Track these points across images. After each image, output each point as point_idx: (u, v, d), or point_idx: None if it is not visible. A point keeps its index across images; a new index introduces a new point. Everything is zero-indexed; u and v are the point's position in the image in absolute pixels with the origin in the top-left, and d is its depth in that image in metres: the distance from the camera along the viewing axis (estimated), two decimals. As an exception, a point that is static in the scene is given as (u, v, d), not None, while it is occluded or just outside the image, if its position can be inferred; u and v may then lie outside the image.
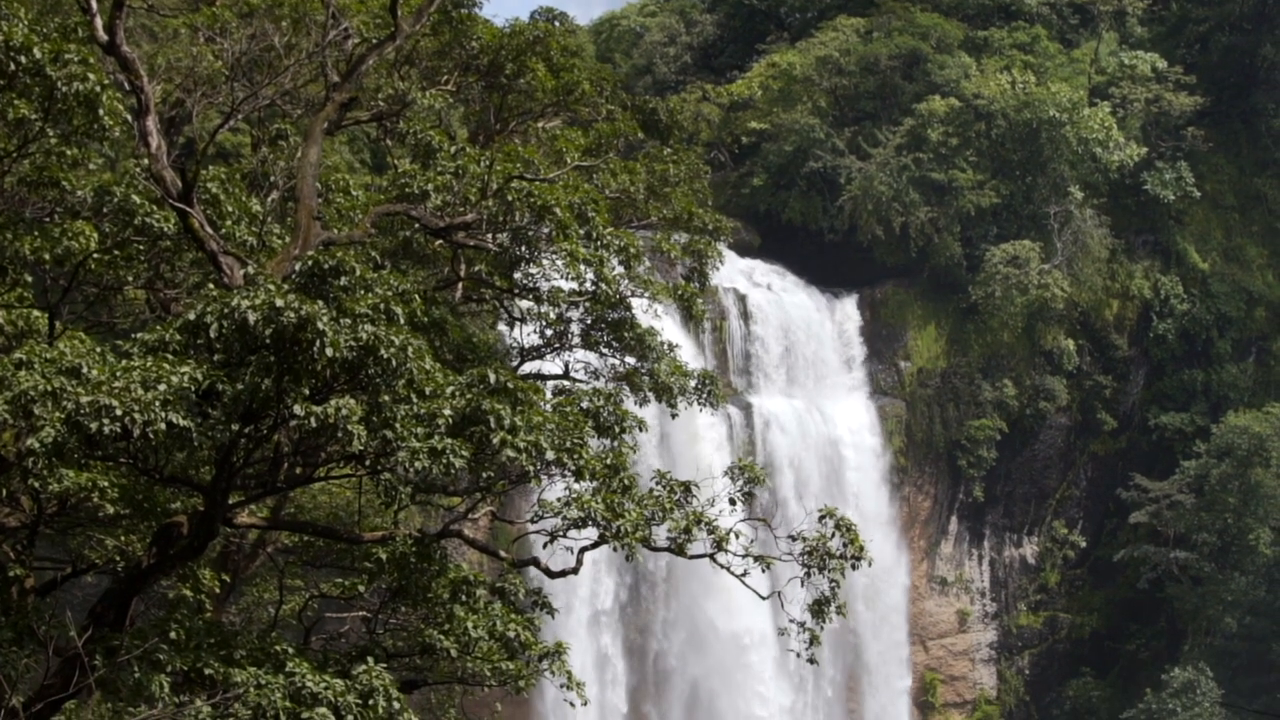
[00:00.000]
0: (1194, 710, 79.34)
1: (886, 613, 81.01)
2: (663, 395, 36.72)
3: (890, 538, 79.00)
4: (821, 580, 30.13)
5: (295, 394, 24.69)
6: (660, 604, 73.66)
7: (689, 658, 74.09)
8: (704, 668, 74.19)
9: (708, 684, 74.37)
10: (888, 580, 79.70)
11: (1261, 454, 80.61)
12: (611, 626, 72.04)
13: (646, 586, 73.48)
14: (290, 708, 26.97)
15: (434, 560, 30.65)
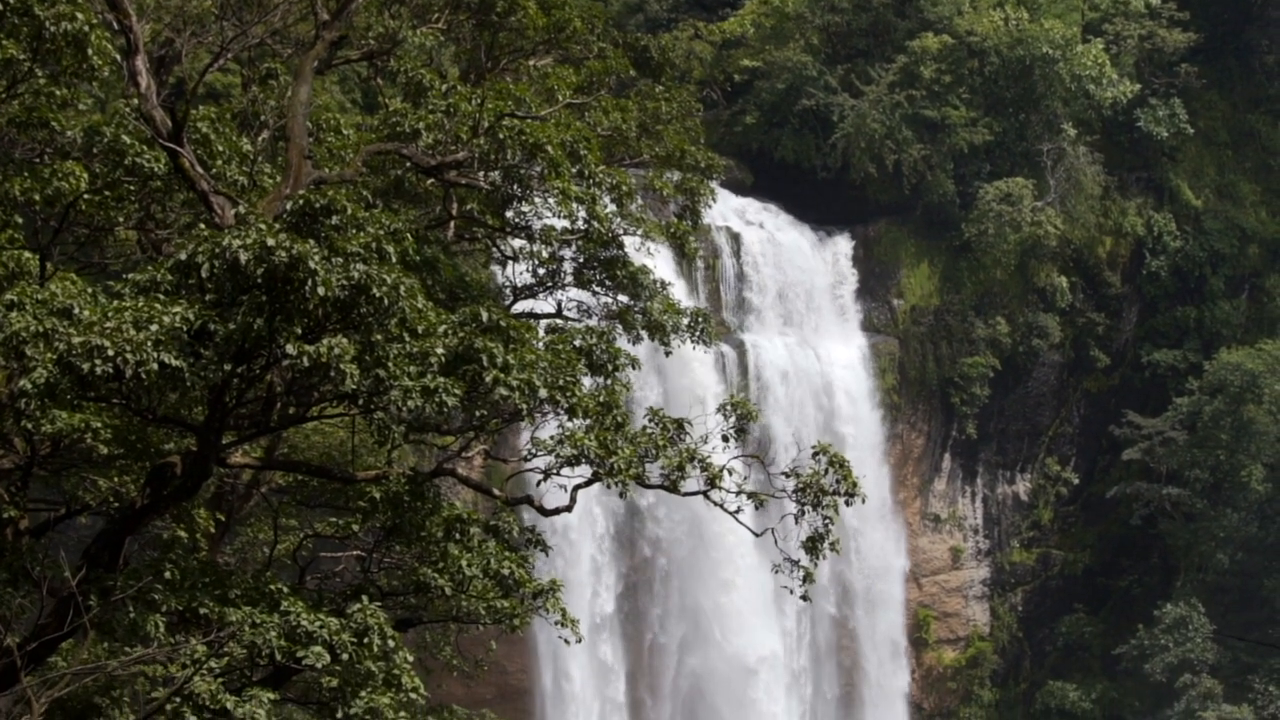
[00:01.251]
0: (1186, 646, 79.67)
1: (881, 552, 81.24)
2: (655, 333, 36.72)
3: (883, 473, 79.16)
4: (815, 517, 30.23)
5: (287, 333, 24.67)
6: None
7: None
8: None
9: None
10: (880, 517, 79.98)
11: (1254, 391, 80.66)
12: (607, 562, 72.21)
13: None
14: (285, 646, 27.05)
15: (428, 499, 30.68)
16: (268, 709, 26.28)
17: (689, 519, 73.74)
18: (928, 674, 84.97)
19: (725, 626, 75.51)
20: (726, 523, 72.51)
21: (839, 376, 76.98)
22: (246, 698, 26.47)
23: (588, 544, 71.60)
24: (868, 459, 75.08)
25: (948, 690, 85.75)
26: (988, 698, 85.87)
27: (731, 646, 75.46)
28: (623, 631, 74.43)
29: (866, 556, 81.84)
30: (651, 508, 73.70)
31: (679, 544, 75.12)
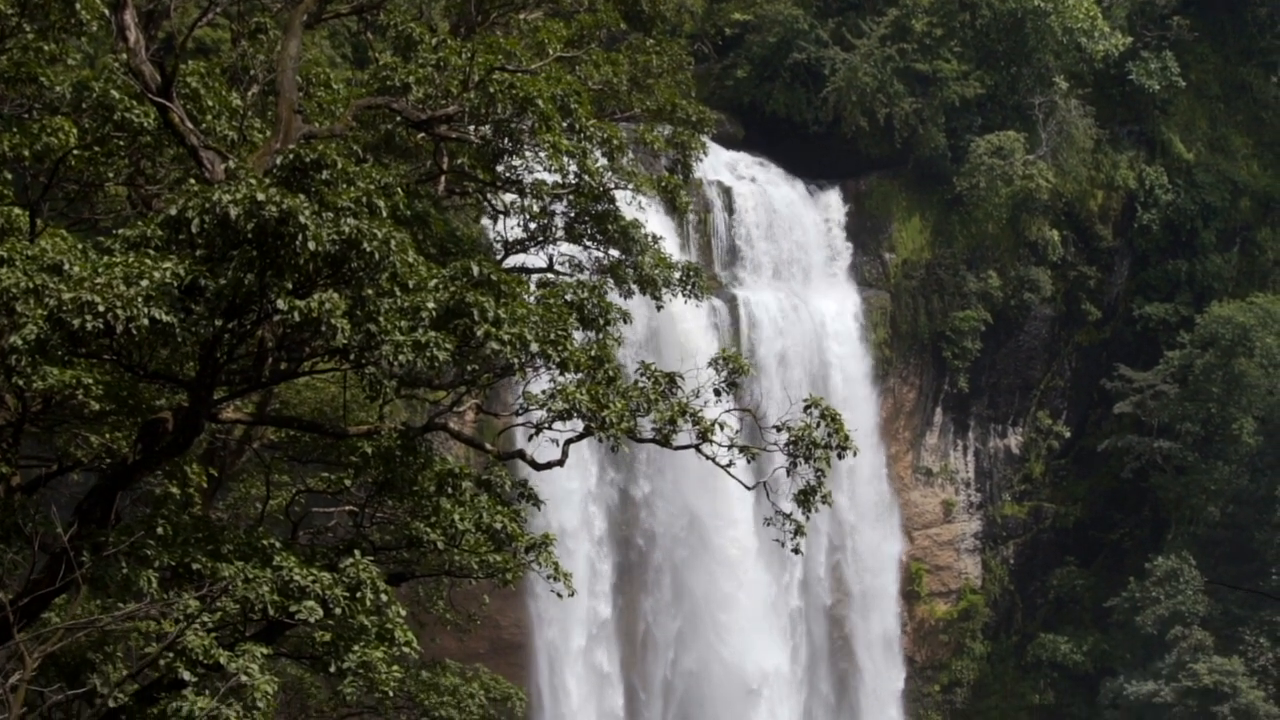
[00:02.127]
0: (1177, 598, 79.89)
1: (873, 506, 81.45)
2: (647, 288, 36.69)
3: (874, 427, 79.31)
4: (807, 470, 30.27)
5: (278, 288, 24.64)
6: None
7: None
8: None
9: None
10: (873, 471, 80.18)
11: (1245, 344, 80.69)
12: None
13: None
14: (278, 601, 27.10)
15: (419, 454, 30.71)
16: (261, 663, 26.32)
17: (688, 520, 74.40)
18: (920, 627, 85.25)
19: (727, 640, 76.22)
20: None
21: (830, 330, 76.99)
22: (240, 652, 26.52)
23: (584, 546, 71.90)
24: (860, 412, 75.11)
25: (939, 643, 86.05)
26: (979, 650, 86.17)
27: (735, 661, 76.07)
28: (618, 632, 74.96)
29: (863, 556, 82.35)
30: (649, 498, 74.01)
31: (679, 541, 75.59)
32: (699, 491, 72.93)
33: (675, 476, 73.09)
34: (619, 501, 73.74)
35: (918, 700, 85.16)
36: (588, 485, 71.58)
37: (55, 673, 28.94)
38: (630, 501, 73.98)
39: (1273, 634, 79.70)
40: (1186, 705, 77.36)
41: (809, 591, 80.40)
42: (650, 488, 73.93)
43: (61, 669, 29.48)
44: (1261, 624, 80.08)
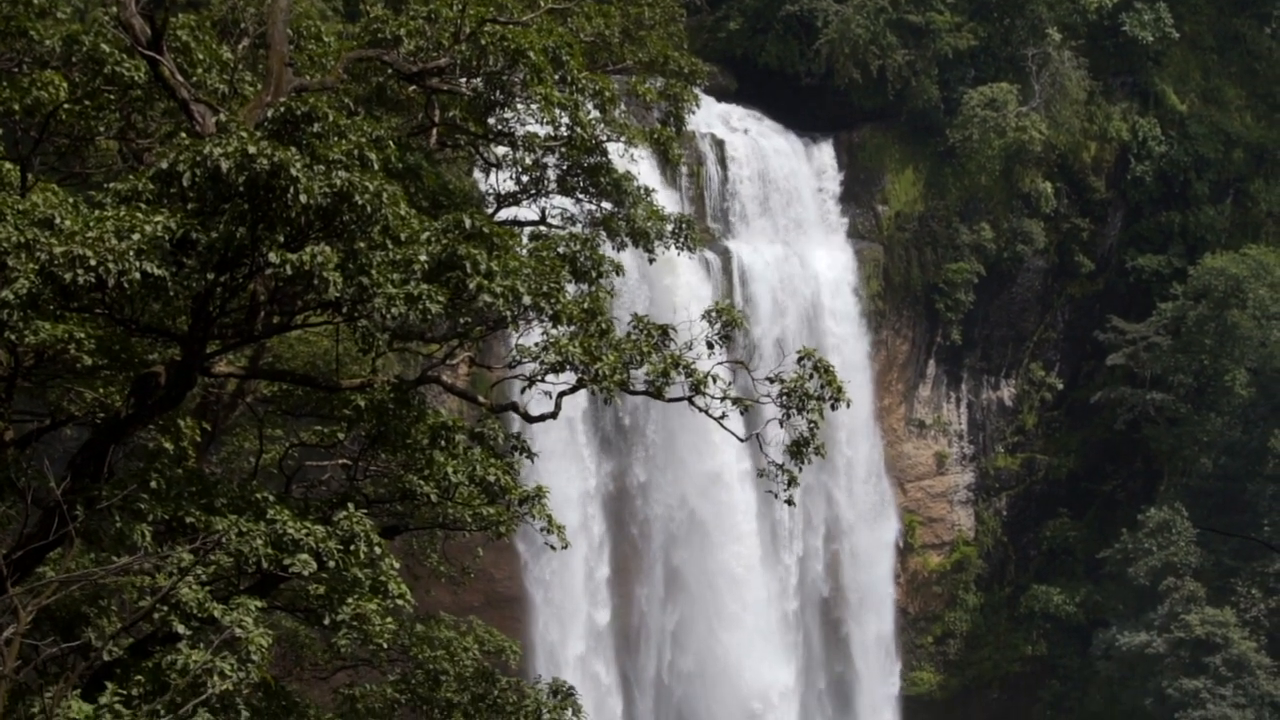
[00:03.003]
0: (1170, 549, 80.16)
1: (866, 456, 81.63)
2: (640, 240, 36.57)
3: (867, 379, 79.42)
4: (800, 421, 30.25)
5: (270, 241, 24.58)
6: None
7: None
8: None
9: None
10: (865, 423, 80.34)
11: (1238, 295, 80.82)
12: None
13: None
14: (272, 554, 27.12)
15: (412, 406, 30.73)
16: (255, 616, 26.34)
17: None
18: (913, 579, 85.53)
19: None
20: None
21: (824, 283, 76.97)
22: (234, 605, 26.53)
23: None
24: (853, 365, 75.22)
25: (933, 594, 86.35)
26: (972, 601, 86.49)
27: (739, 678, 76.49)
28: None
29: (861, 559, 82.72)
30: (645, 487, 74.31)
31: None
32: (702, 503, 73.67)
33: (676, 475, 73.52)
34: (616, 495, 74.05)
35: (911, 652, 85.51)
36: (586, 487, 71.84)
37: (49, 626, 28.97)
38: (629, 495, 74.32)
39: (1265, 585, 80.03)
40: (1179, 656, 77.72)
41: (805, 592, 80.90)
42: (649, 479, 74.20)
43: (56, 623, 29.51)
44: (1253, 575, 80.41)
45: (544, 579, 71.11)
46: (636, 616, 75.46)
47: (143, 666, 27.27)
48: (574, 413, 70.11)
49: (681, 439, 72.87)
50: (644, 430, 73.28)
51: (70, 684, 25.11)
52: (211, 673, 25.27)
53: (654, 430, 73.27)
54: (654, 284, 67.90)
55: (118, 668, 28.19)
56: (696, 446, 72.53)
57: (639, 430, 73.27)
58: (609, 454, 72.75)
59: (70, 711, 25.38)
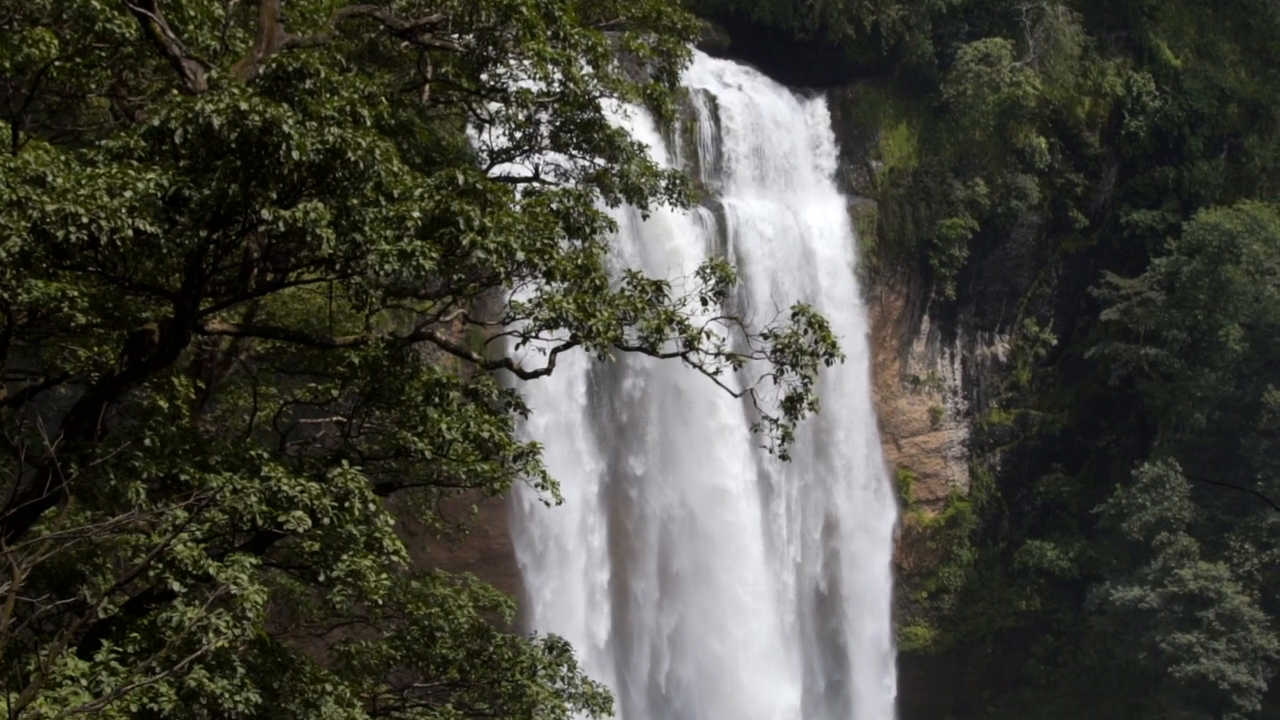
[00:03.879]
0: (1163, 504, 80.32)
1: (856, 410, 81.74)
2: (633, 196, 36.49)
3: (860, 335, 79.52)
4: (794, 377, 30.27)
5: (263, 198, 24.55)
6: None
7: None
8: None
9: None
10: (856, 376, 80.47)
11: (1232, 250, 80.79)
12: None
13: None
14: (266, 511, 27.14)
15: (406, 363, 30.69)
16: (250, 573, 26.38)
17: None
18: (907, 534, 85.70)
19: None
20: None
21: (817, 239, 76.91)
22: (229, 563, 26.57)
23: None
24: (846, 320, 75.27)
25: (927, 550, 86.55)
26: (966, 557, 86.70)
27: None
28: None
29: (859, 564, 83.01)
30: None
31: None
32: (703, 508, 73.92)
33: (676, 475, 73.75)
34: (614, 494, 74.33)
35: (905, 607, 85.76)
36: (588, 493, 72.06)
37: (45, 584, 29.03)
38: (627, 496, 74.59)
39: (1258, 539, 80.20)
40: (1172, 610, 77.93)
41: (803, 595, 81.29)
42: (647, 477, 74.47)
43: (51, 580, 29.56)
44: (1247, 529, 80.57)
45: (543, 595, 71.46)
46: (635, 620, 75.83)
47: (138, 624, 27.32)
48: (574, 416, 70.49)
49: (681, 441, 73.42)
50: (643, 431, 73.66)
51: (65, 641, 25.13)
52: (207, 630, 25.32)
53: (654, 430, 73.64)
54: (647, 240, 67.85)
55: (113, 625, 28.24)
56: (694, 449, 73.14)
57: (638, 430, 73.66)
58: (606, 451, 73.03)
59: (66, 669, 25.42)
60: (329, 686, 31.74)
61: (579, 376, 70.51)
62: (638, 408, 72.84)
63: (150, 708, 25.83)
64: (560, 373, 66.87)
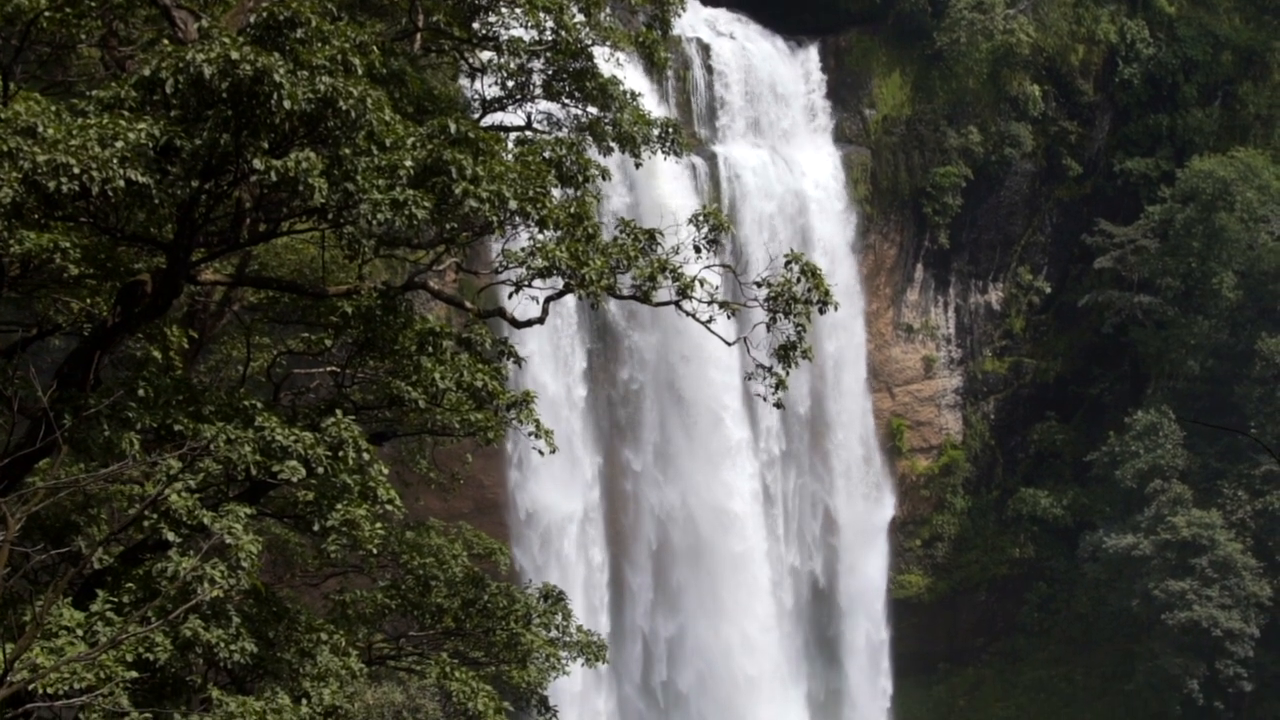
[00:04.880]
0: (1156, 452, 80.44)
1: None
2: (626, 145, 36.40)
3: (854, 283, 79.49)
4: (787, 325, 30.25)
5: (254, 148, 24.48)
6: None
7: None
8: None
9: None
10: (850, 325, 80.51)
11: (1226, 198, 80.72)
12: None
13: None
14: (260, 461, 27.16)
15: (400, 313, 30.68)
16: (245, 523, 26.41)
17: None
18: (901, 482, 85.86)
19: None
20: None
21: (811, 187, 76.80)
22: (223, 513, 26.60)
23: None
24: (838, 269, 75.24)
25: (921, 498, 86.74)
26: (960, 505, 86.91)
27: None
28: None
29: (856, 571, 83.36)
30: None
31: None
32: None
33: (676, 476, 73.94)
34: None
35: (899, 555, 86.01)
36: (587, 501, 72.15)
37: (39, 535, 29.05)
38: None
39: (1251, 487, 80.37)
40: (1165, 557, 78.16)
41: (800, 595, 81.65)
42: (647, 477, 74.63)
43: (45, 532, 29.58)
44: (1240, 477, 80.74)
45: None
46: (630, 622, 76.19)
47: (133, 574, 27.37)
48: (574, 424, 70.68)
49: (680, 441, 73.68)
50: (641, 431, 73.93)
51: (60, 591, 25.18)
52: (202, 579, 25.37)
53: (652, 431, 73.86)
54: (640, 189, 67.76)
55: (108, 576, 28.29)
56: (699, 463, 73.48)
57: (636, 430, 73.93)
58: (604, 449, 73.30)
59: (62, 619, 25.49)
60: (324, 636, 31.83)
61: (578, 380, 71.12)
62: (634, 402, 73.22)
63: (146, 657, 25.91)
64: (560, 376, 67.24)
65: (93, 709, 24.58)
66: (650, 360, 71.68)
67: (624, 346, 72.61)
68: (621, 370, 72.47)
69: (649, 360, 72.04)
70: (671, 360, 72.23)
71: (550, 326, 65.94)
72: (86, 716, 24.71)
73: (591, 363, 71.68)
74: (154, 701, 26.81)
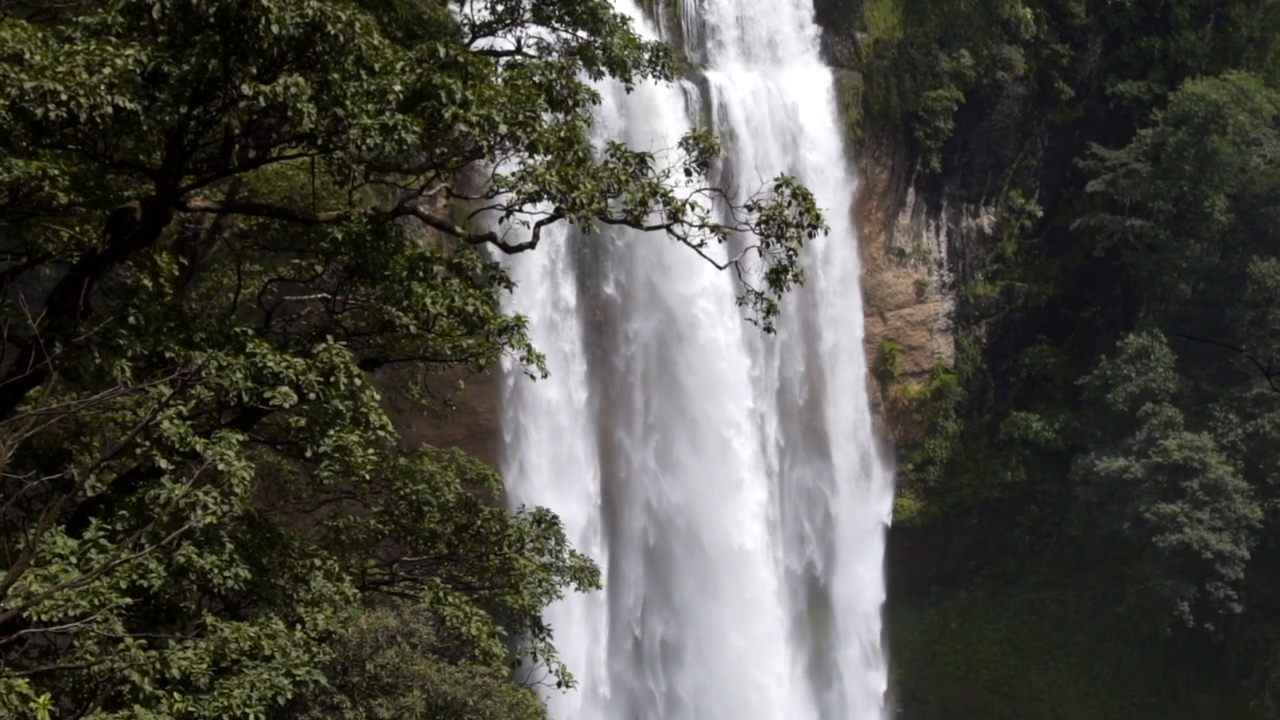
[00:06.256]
0: (1148, 375, 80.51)
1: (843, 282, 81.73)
2: (616, 69, 36.28)
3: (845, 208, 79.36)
4: (779, 249, 30.21)
5: (242, 74, 24.40)
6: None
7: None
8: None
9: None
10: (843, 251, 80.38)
11: (1218, 121, 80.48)
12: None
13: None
14: (252, 388, 27.17)
15: (390, 238, 30.62)
16: (237, 450, 26.46)
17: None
18: (893, 407, 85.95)
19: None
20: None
21: (802, 111, 76.47)
22: (215, 440, 26.65)
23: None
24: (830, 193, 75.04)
25: (913, 422, 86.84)
26: (952, 429, 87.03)
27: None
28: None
29: (855, 577, 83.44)
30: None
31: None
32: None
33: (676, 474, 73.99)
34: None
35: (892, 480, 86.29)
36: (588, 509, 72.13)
37: (32, 463, 29.11)
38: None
39: (1242, 409, 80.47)
40: (1156, 480, 78.34)
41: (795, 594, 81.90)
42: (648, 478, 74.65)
43: (38, 459, 29.65)
44: (1231, 400, 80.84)
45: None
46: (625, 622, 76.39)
47: (126, 502, 27.44)
48: (575, 441, 70.62)
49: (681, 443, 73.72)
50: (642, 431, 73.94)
51: (53, 518, 25.22)
52: (194, 506, 25.44)
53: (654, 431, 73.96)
54: (631, 114, 67.49)
55: (102, 504, 28.36)
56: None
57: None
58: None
59: (55, 547, 25.55)
60: (318, 561, 31.97)
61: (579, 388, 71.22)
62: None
63: (140, 584, 26.00)
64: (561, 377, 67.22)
65: (87, 635, 24.68)
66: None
67: (621, 338, 72.77)
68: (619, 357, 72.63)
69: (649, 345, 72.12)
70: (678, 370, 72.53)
71: (549, 324, 66.56)
72: (81, 643, 24.81)
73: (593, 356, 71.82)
74: (148, 628, 26.92)
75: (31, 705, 22.49)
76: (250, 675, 26.53)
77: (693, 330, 71.63)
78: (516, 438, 69.87)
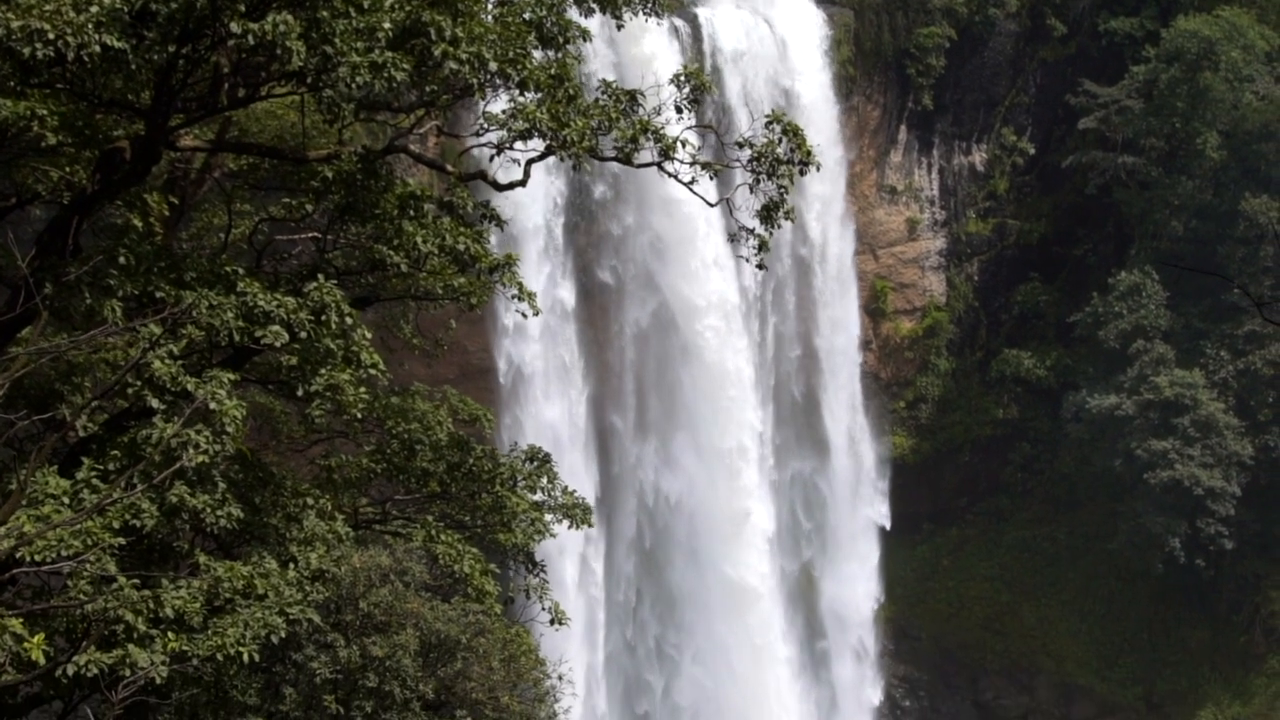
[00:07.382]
0: (1140, 313, 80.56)
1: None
2: (607, 6, 36.08)
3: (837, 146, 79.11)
4: (770, 186, 30.15)
5: (231, 11, 24.26)
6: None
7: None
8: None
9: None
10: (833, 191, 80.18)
11: (1210, 58, 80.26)
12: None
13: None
14: (243, 327, 27.16)
15: (380, 177, 30.56)
16: (228, 389, 26.45)
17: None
18: (885, 344, 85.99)
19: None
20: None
21: (793, 48, 76.17)
22: (207, 378, 26.63)
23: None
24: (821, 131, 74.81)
25: (905, 360, 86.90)
26: (944, 366, 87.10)
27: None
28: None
29: (849, 578, 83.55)
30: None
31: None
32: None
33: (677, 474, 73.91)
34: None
35: (883, 417, 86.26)
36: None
37: (23, 403, 29.08)
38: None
39: (1233, 347, 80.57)
40: (1148, 417, 78.47)
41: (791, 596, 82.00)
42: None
43: (29, 400, 29.62)
44: (1222, 337, 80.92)
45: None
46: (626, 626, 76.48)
47: (118, 442, 27.43)
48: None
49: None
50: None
51: (44, 457, 25.24)
52: (186, 445, 25.42)
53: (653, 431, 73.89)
54: (621, 51, 67.22)
55: (94, 444, 28.36)
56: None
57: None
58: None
59: (48, 487, 25.56)
60: (310, 500, 32.02)
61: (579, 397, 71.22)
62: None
63: (132, 524, 26.02)
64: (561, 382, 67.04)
65: (80, 575, 24.71)
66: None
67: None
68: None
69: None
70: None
71: (549, 326, 66.48)
72: (74, 583, 24.85)
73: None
74: (141, 567, 26.97)
75: (25, 645, 22.56)
76: (244, 614, 26.59)
77: (699, 349, 71.92)
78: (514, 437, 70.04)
